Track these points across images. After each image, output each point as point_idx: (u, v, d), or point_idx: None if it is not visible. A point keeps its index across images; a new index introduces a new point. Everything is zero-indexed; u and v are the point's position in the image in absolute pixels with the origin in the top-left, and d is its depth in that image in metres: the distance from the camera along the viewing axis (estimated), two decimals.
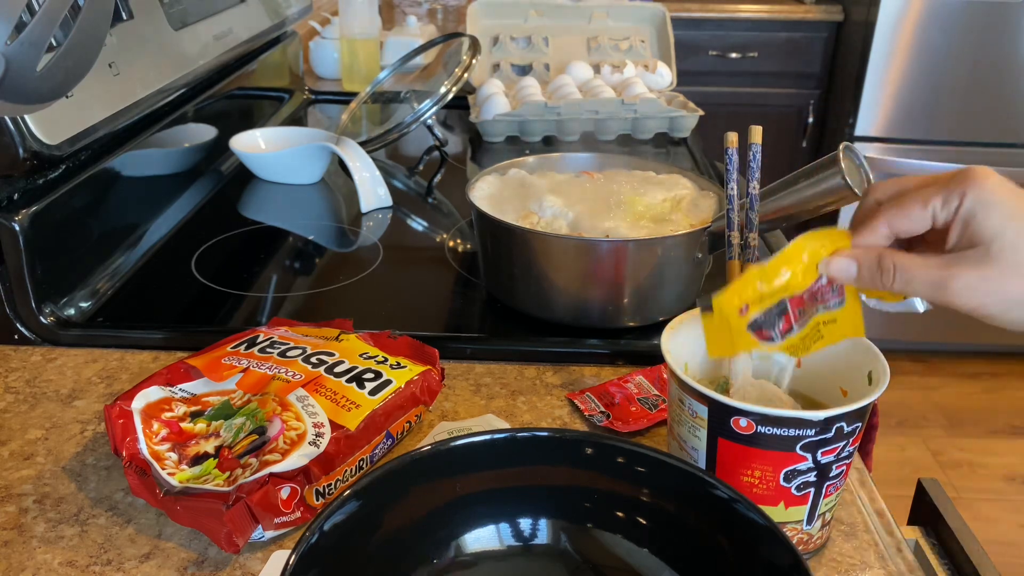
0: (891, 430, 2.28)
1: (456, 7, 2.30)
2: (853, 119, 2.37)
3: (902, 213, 0.45)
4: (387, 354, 0.63)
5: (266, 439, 0.55)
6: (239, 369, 0.61)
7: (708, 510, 0.46)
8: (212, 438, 0.56)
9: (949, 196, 0.44)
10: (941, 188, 0.44)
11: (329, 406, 0.57)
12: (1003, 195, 0.43)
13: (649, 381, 0.68)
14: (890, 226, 0.46)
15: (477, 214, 0.78)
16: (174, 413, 0.58)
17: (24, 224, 0.71)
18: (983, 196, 0.43)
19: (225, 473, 0.53)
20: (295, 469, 0.52)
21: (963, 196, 0.43)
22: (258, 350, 0.63)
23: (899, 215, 0.45)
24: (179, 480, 0.53)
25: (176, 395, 0.59)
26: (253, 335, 0.65)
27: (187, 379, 0.61)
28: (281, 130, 1.20)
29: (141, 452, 0.55)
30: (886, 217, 0.46)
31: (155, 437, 0.56)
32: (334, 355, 0.62)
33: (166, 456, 0.55)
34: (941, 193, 0.44)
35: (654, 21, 1.54)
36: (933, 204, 0.44)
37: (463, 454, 0.48)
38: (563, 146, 1.30)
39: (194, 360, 0.62)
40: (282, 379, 0.59)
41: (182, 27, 0.97)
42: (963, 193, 0.43)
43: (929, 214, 0.44)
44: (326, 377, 0.60)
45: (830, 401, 0.56)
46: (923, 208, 0.44)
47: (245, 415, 0.57)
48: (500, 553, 0.49)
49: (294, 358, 0.61)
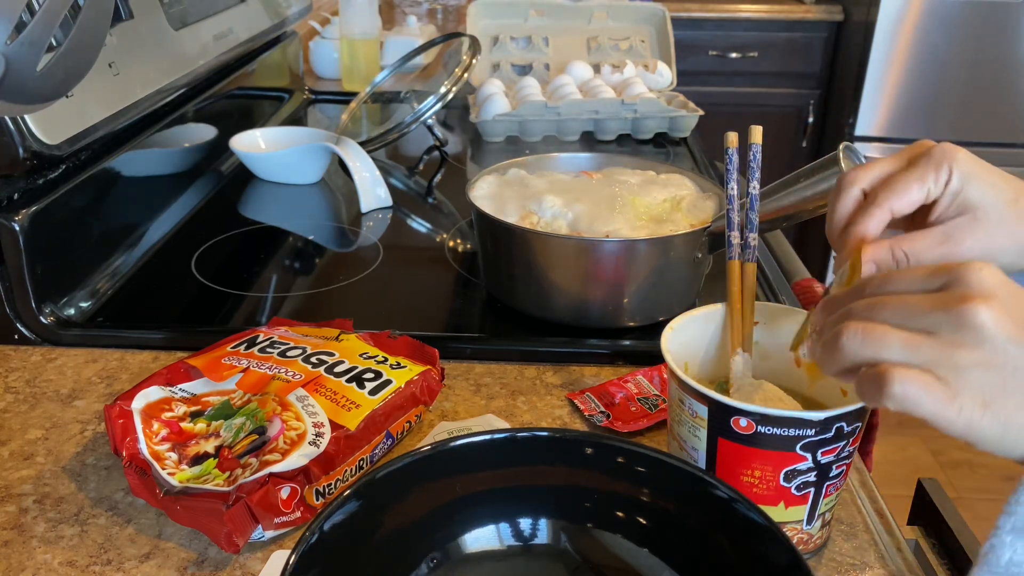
0: (891, 430, 2.28)
1: (456, 7, 2.30)
2: (853, 119, 2.37)
3: (902, 195, 0.48)
4: (387, 354, 0.63)
5: (266, 439, 0.55)
6: (239, 369, 0.61)
7: (708, 510, 0.46)
8: (212, 438, 0.56)
9: (939, 174, 0.48)
10: (931, 167, 0.48)
11: (329, 406, 0.57)
12: (977, 168, 0.48)
13: (649, 381, 0.68)
14: (892, 210, 0.48)
15: (477, 214, 0.78)
16: (174, 413, 0.58)
17: (24, 224, 0.71)
18: (965, 170, 0.48)
19: (225, 473, 0.53)
20: (295, 469, 0.52)
21: (951, 172, 0.48)
22: (258, 350, 0.63)
23: (899, 198, 0.48)
24: (179, 480, 0.53)
25: (176, 395, 0.59)
26: (253, 335, 0.65)
27: (187, 379, 0.61)
28: (281, 130, 1.20)
29: (141, 452, 0.55)
30: (887, 202, 0.48)
31: (155, 437, 0.56)
32: (334, 355, 0.62)
33: (166, 456, 0.55)
34: (932, 172, 0.48)
35: (654, 21, 1.54)
36: (928, 183, 0.48)
37: (463, 454, 0.48)
38: (563, 146, 1.30)
39: (194, 360, 0.62)
40: (282, 379, 0.59)
41: (182, 27, 0.97)
42: (950, 169, 0.48)
43: (925, 192, 0.48)
44: (326, 377, 0.59)
45: (830, 401, 0.56)
46: (921, 187, 0.48)
47: (245, 415, 0.57)
48: (500, 553, 0.49)
49: (294, 358, 0.61)
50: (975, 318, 0.36)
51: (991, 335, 0.36)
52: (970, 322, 0.36)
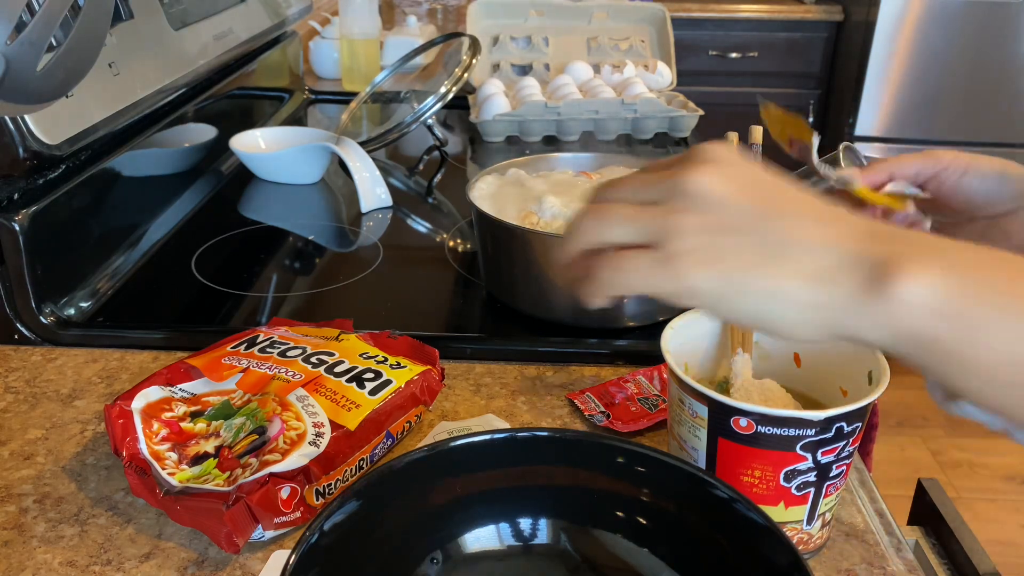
0: (891, 430, 2.28)
1: (456, 7, 2.30)
2: (853, 119, 2.37)
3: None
4: (387, 354, 0.63)
5: (266, 439, 0.54)
6: (239, 369, 0.61)
7: (708, 510, 0.46)
8: (212, 438, 0.56)
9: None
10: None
11: (329, 406, 0.57)
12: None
13: (649, 381, 0.68)
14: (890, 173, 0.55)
15: (477, 214, 0.78)
16: (174, 413, 0.58)
17: (24, 224, 0.71)
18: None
19: (225, 473, 0.53)
20: (295, 469, 0.52)
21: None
22: (258, 350, 0.63)
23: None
24: (179, 480, 0.53)
25: (176, 395, 0.59)
26: (253, 335, 0.65)
27: (187, 379, 0.61)
28: (281, 130, 1.20)
29: (141, 452, 0.55)
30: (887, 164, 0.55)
31: (155, 437, 0.56)
32: (334, 355, 0.62)
33: (166, 456, 0.55)
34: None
35: (654, 21, 1.54)
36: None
37: (463, 454, 0.48)
38: (563, 146, 1.30)
39: (194, 360, 0.62)
40: (282, 379, 0.59)
41: (182, 27, 0.97)
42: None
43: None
44: (326, 377, 0.59)
45: (830, 401, 0.56)
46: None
47: (245, 415, 0.57)
48: (500, 553, 0.49)
49: (294, 358, 0.61)
50: (693, 183, 0.35)
51: (707, 197, 0.35)
52: (687, 187, 0.36)
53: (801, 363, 0.58)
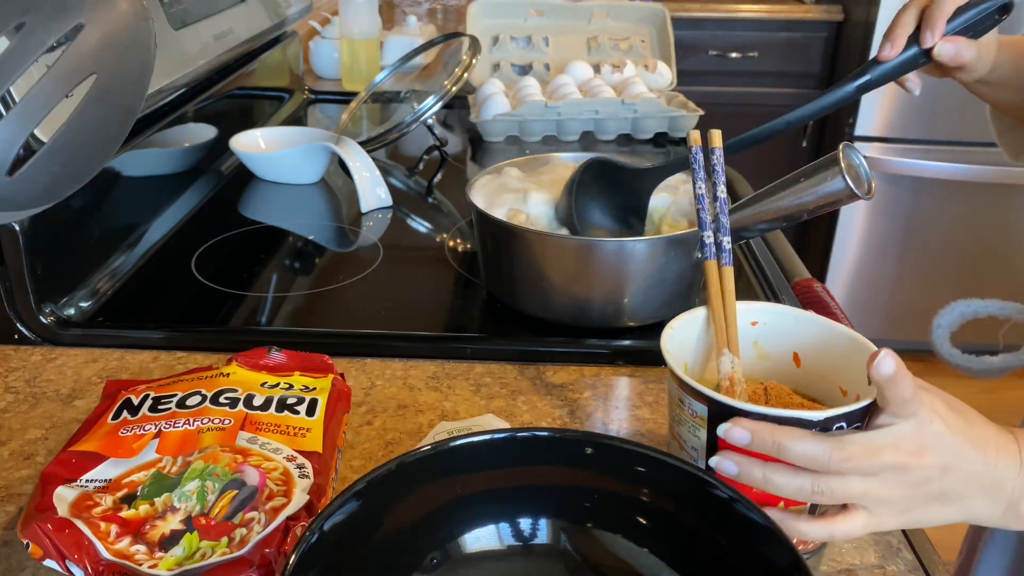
0: None
1: (456, 7, 2.30)
2: (853, 119, 2.37)
3: None
4: (284, 379, 0.61)
5: (253, 490, 0.51)
6: (151, 435, 0.54)
7: (708, 510, 0.46)
8: (168, 514, 0.49)
9: None
10: None
11: (283, 439, 0.54)
12: None
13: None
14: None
15: (477, 214, 0.78)
16: (104, 506, 0.50)
17: (24, 224, 0.71)
18: None
19: (222, 540, 0.48)
20: (303, 505, 0.50)
21: None
22: (148, 411, 0.57)
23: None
24: (166, 568, 0.47)
25: (89, 488, 0.51)
26: (123, 399, 0.59)
27: (87, 468, 0.53)
28: (281, 130, 1.20)
29: (103, 558, 0.47)
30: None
31: (108, 537, 0.48)
32: (237, 391, 0.59)
33: (133, 551, 0.47)
34: None
35: (654, 21, 1.54)
36: None
37: (463, 454, 0.48)
38: (563, 146, 1.30)
39: (83, 446, 0.54)
40: (214, 428, 0.55)
41: (182, 27, 0.97)
42: None
43: None
44: (255, 414, 0.56)
45: (830, 401, 0.56)
46: None
47: (198, 478, 0.51)
48: (500, 553, 0.49)
49: (198, 406, 0.57)
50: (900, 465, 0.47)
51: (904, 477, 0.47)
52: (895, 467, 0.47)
53: (801, 363, 0.58)
